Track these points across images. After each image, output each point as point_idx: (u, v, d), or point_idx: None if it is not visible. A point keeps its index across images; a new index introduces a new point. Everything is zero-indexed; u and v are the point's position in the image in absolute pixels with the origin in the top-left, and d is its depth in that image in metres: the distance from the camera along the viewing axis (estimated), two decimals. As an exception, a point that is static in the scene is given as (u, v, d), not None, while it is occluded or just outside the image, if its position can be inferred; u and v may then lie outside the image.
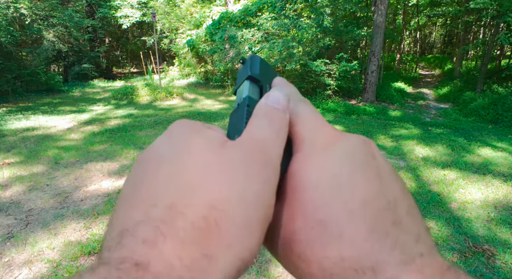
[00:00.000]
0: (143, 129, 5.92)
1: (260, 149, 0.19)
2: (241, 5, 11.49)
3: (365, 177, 0.19)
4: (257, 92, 0.26)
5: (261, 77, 0.26)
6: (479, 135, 6.16)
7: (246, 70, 0.26)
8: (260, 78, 0.26)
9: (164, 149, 0.19)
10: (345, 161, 0.20)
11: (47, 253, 2.40)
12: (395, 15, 18.23)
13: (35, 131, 5.75)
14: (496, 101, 8.37)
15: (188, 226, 0.15)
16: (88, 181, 3.64)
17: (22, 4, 10.79)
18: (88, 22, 14.60)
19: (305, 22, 9.61)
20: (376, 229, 0.17)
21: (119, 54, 19.73)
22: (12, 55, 10.15)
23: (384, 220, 0.17)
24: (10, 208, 3.04)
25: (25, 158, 4.32)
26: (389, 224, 0.17)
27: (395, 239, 0.17)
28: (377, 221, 0.17)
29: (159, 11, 15.46)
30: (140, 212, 0.16)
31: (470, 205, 3.25)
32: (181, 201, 0.16)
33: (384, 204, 0.18)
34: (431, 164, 4.38)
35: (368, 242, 0.17)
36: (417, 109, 9.20)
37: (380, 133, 5.99)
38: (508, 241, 2.64)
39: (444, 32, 26.26)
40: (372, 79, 9.18)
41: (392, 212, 0.18)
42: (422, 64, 22.04)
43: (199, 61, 14.10)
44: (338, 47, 10.23)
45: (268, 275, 2.20)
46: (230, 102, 9.34)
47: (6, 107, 8.08)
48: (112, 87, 12.71)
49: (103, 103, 8.86)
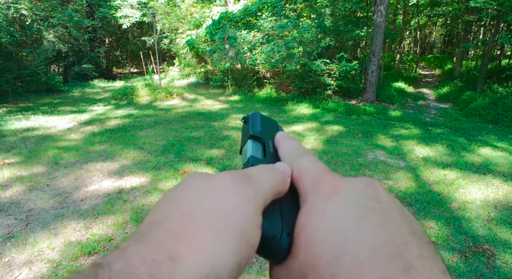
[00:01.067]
0: (143, 129, 5.92)
1: (245, 175, 0.21)
2: (241, 5, 11.49)
3: (371, 224, 0.19)
4: (260, 149, 0.27)
5: (262, 134, 0.28)
6: (479, 135, 6.15)
7: (248, 129, 0.28)
8: (262, 135, 0.28)
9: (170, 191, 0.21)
10: (349, 210, 0.20)
11: (47, 253, 2.40)
12: (395, 15, 18.24)
13: (35, 131, 5.75)
14: (496, 101, 8.36)
15: (161, 232, 0.16)
16: (88, 181, 3.65)
17: (23, 5, 10.80)
18: (88, 22, 14.61)
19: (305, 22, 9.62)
20: (385, 278, 0.17)
21: (119, 55, 19.73)
22: (12, 56, 10.16)
23: (393, 267, 0.17)
24: (10, 208, 3.04)
25: (25, 158, 4.32)
26: (399, 272, 0.17)
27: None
28: (387, 269, 0.17)
29: (159, 11, 15.46)
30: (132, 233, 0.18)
31: (470, 204, 3.25)
32: (162, 215, 0.18)
33: (392, 250, 0.18)
34: (431, 164, 4.38)
35: None
36: (417, 109, 9.20)
37: (380, 133, 5.99)
38: (508, 241, 2.64)
39: (444, 32, 26.26)
40: (372, 79, 9.18)
41: (402, 258, 0.18)
42: (422, 64, 22.03)
43: (199, 61, 14.10)
44: (338, 47, 10.22)
45: (268, 275, 2.20)
46: (230, 102, 9.34)
47: (6, 108, 8.09)
48: (112, 87, 12.71)
49: (103, 104, 8.87)
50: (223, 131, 5.82)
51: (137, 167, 4.04)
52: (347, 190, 0.21)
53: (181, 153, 4.54)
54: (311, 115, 7.64)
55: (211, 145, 4.98)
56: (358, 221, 0.19)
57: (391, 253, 0.18)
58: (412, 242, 0.19)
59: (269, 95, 9.96)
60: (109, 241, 2.54)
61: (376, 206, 0.20)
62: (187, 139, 5.23)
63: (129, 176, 3.78)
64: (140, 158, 4.37)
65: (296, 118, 7.31)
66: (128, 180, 3.66)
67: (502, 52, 14.86)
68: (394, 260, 0.17)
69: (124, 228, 2.71)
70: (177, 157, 4.39)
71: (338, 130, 6.17)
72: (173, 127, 6.09)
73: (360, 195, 0.21)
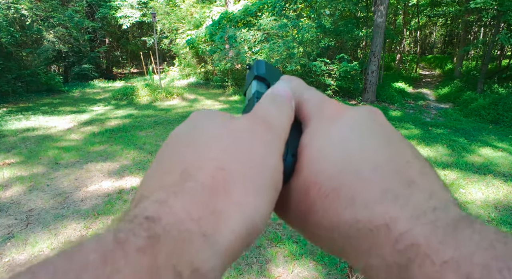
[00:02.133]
0: (143, 129, 5.92)
1: (262, 119, 0.21)
2: (241, 6, 11.50)
3: (375, 143, 0.20)
4: (265, 88, 0.27)
5: (267, 76, 0.28)
6: (479, 136, 6.15)
7: (253, 72, 0.28)
8: (267, 77, 0.27)
9: (181, 130, 0.21)
10: (353, 129, 0.20)
11: (47, 253, 2.39)
12: (395, 15, 18.24)
13: (35, 131, 5.75)
14: (496, 101, 8.36)
15: (198, 186, 0.16)
16: (88, 181, 3.64)
17: (23, 5, 10.80)
18: (88, 22, 14.60)
19: (305, 22, 9.62)
20: (388, 191, 0.17)
21: (119, 55, 19.73)
22: (12, 56, 10.17)
23: (395, 181, 0.18)
24: (10, 208, 3.04)
25: (25, 158, 4.32)
26: (400, 185, 0.18)
27: (407, 197, 0.17)
28: (389, 183, 0.18)
29: (159, 12, 15.47)
30: (157, 182, 0.17)
31: (471, 205, 3.25)
32: (192, 166, 0.17)
33: (395, 167, 0.18)
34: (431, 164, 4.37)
35: (381, 203, 0.17)
36: (417, 109, 9.19)
37: (380, 134, 5.99)
38: None
39: (445, 32, 26.26)
40: (373, 79, 9.18)
41: (403, 174, 0.18)
42: (423, 64, 22.02)
43: (199, 61, 14.11)
44: (338, 48, 10.22)
45: (269, 275, 2.20)
46: (230, 103, 9.34)
47: (6, 108, 8.09)
48: (112, 87, 12.71)
49: (103, 104, 8.87)
50: (223, 131, 5.82)
51: (137, 167, 4.04)
52: (351, 114, 0.22)
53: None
54: (311, 115, 7.64)
55: (211, 145, 4.98)
56: (362, 140, 0.20)
57: (394, 170, 0.18)
58: (414, 162, 0.19)
59: (269, 96, 9.95)
60: (109, 241, 2.53)
61: (379, 128, 0.21)
62: (187, 139, 5.23)
63: (129, 176, 3.78)
64: (140, 158, 4.37)
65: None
66: (128, 180, 3.66)
67: (502, 52, 14.85)
68: (397, 175, 0.18)
69: (124, 228, 2.71)
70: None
71: (338, 130, 6.17)
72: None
73: (364, 118, 0.21)
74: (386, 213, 0.17)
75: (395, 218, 0.16)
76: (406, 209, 0.17)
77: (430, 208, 0.16)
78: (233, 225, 0.16)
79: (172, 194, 0.16)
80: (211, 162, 0.17)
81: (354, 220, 0.17)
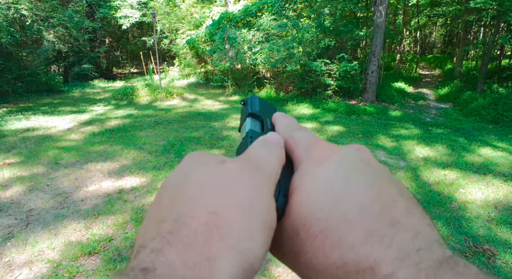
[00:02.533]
0: (143, 129, 5.92)
1: (253, 163, 0.21)
2: (241, 6, 11.50)
3: (360, 184, 0.20)
4: (258, 126, 0.28)
5: (261, 113, 0.29)
6: (479, 135, 6.15)
7: (247, 109, 0.29)
8: (260, 114, 0.28)
9: (173, 176, 0.21)
10: (339, 171, 0.21)
11: (47, 253, 2.40)
12: (395, 15, 18.22)
13: (35, 131, 5.75)
14: (496, 101, 8.36)
15: (192, 233, 0.16)
16: (88, 181, 3.65)
17: (23, 5, 10.80)
18: (88, 22, 14.61)
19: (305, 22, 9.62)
20: (372, 232, 0.18)
21: (119, 55, 19.74)
22: (12, 56, 10.16)
23: (380, 222, 0.18)
24: (10, 208, 3.04)
25: (25, 158, 4.32)
26: (386, 226, 0.18)
27: (391, 238, 0.17)
28: (374, 224, 0.18)
29: (159, 12, 15.47)
30: (153, 230, 0.18)
31: (471, 205, 3.25)
32: (185, 213, 0.17)
33: (380, 207, 0.19)
34: (431, 164, 4.38)
35: (366, 245, 0.17)
36: (417, 109, 9.19)
37: (380, 133, 5.99)
38: (509, 241, 2.64)
39: (444, 32, 26.26)
40: (372, 79, 9.18)
41: (388, 214, 0.19)
42: (422, 64, 22.02)
43: (199, 61, 14.11)
44: (338, 47, 10.22)
45: (269, 275, 2.20)
46: (230, 103, 9.34)
47: (6, 108, 8.09)
48: (112, 87, 12.71)
49: (103, 104, 8.87)
50: (223, 131, 5.82)
51: (137, 167, 4.04)
52: (338, 155, 0.22)
53: (181, 153, 4.54)
54: (311, 115, 7.64)
55: (211, 145, 4.98)
56: (348, 182, 0.20)
57: (379, 210, 0.19)
58: (399, 201, 0.20)
59: (269, 96, 9.96)
60: (109, 241, 2.54)
61: (366, 168, 0.21)
62: (187, 139, 5.23)
63: (129, 176, 3.78)
64: (140, 158, 4.37)
65: (296, 118, 7.20)
66: (128, 180, 3.66)
67: (502, 52, 14.85)
68: (382, 216, 0.19)
69: (124, 228, 2.71)
70: (177, 157, 4.39)
71: (338, 130, 6.17)
72: (173, 127, 6.09)
73: (350, 158, 0.22)
74: (371, 255, 0.17)
75: (379, 260, 0.17)
76: (391, 250, 0.17)
77: (414, 249, 0.17)
78: (229, 269, 0.16)
79: (167, 243, 0.16)
80: (204, 208, 0.18)
81: (341, 262, 0.18)
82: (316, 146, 0.24)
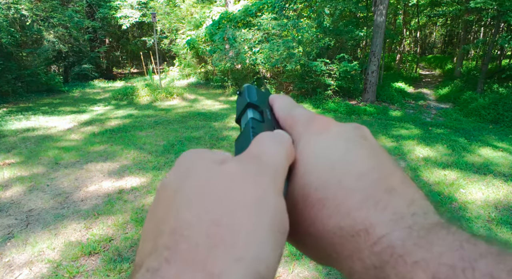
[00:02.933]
0: (143, 129, 5.92)
1: (255, 159, 0.19)
2: (241, 6, 11.50)
3: (359, 154, 0.21)
4: (258, 116, 0.28)
5: (259, 102, 0.28)
6: (479, 136, 6.15)
7: (245, 99, 0.29)
8: (259, 104, 0.28)
9: (169, 180, 0.19)
10: (338, 141, 0.21)
11: (47, 253, 2.40)
12: (395, 15, 18.22)
13: (36, 131, 5.75)
14: (496, 101, 8.35)
15: (192, 247, 0.14)
16: (89, 181, 3.64)
17: (23, 5, 10.80)
18: (89, 22, 14.61)
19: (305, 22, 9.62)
20: (369, 197, 0.18)
21: (119, 55, 19.74)
22: (12, 56, 10.16)
23: (377, 188, 0.19)
24: (10, 208, 3.04)
25: (26, 158, 4.32)
26: (382, 191, 0.18)
27: (386, 203, 0.18)
28: (371, 190, 0.18)
29: (159, 12, 15.47)
30: (149, 245, 0.16)
31: (471, 205, 3.25)
32: (183, 223, 0.15)
33: (378, 175, 0.19)
34: (431, 164, 4.37)
35: (362, 209, 0.18)
36: (417, 109, 9.19)
37: (380, 134, 5.99)
38: (509, 241, 2.63)
39: (445, 32, 26.24)
40: (373, 79, 9.17)
41: (385, 181, 0.19)
42: (423, 64, 22.01)
43: (199, 61, 14.10)
44: (338, 47, 10.22)
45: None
46: (230, 102, 9.34)
47: (6, 108, 8.09)
48: (112, 87, 12.71)
49: (103, 104, 8.87)
50: (223, 131, 5.82)
51: (137, 167, 4.04)
52: (337, 128, 0.23)
53: (181, 153, 4.54)
54: (311, 115, 7.63)
55: (211, 145, 4.98)
56: (346, 152, 0.21)
57: (376, 178, 0.19)
58: (396, 173, 0.20)
59: (269, 96, 9.94)
60: (110, 241, 2.54)
61: (364, 142, 0.22)
62: (187, 139, 5.23)
63: (130, 176, 3.78)
64: (140, 158, 4.37)
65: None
66: (128, 180, 3.66)
67: (502, 52, 14.84)
68: (379, 183, 0.19)
69: (124, 228, 2.71)
70: (177, 157, 4.38)
71: (338, 130, 6.17)
72: (173, 127, 6.09)
73: (349, 131, 0.22)
74: (366, 219, 0.17)
75: (374, 223, 0.17)
76: (385, 214, 0.17)
77: (409, 214, 0.17)
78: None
79: (164, 260, 0.14)
80: (204, 216, 0.16)
81: (338, 228, 0.18)
82: (316, 119, 0.24)
